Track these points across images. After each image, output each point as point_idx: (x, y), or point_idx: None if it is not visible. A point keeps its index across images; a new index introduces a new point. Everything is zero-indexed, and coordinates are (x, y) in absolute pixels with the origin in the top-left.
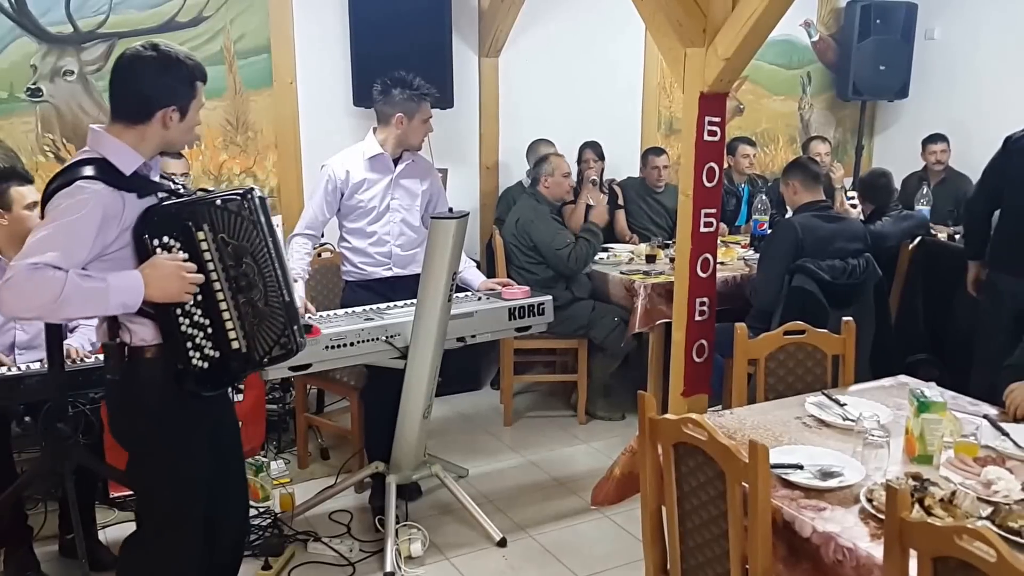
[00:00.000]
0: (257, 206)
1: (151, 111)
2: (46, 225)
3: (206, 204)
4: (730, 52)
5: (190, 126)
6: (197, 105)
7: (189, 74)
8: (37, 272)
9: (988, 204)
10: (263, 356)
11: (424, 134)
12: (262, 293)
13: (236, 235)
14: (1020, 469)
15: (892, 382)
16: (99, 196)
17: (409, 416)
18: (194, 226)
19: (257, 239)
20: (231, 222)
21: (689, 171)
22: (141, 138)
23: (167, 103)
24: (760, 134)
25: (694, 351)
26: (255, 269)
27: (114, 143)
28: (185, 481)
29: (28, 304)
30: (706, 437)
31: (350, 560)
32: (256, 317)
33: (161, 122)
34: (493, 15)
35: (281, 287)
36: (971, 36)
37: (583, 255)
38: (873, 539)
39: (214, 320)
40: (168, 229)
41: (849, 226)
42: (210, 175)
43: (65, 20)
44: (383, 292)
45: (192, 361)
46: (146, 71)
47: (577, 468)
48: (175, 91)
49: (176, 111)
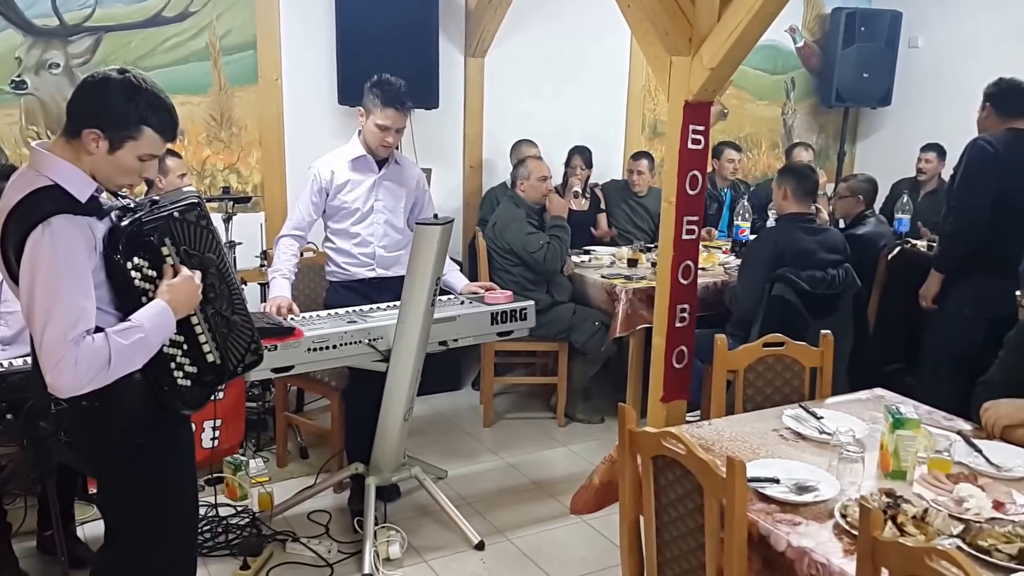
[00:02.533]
0: (207, 212)
1: (79, 127)
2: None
3: (165, 218)
4: (715, 62)
5: (119, 165)
6: (135, 149)
7: (138, 111)
8: (80, 347)
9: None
10: (236, 365)
11: (378, 141)
12: (228, 302)
13: (197, 246)
14: (992, 487)
15: (868, 395)
16: (72, 234)
17: (390, 419)
18: (157, 241)
19: (216, 247)
20: (191, 233)
21: (672, 178)
22: (76, 158)
23: (93, 123)
24: (743, 138)
25: (674, 357)
26: (219, 278)
27: (62, 166)
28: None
29: (83, 382)
30: (685, 451)
31: (328, 561)
32: (226, 327)
33: (84, 142)
34: (480, 16)
35: (241, 293)
36: (955, 45)
37: (556, 253)
38: (846, 555)
39: (188, 336)
40: (136, 250)
41: (829, 237)
42: (193, 171)
43: (51, 13)
44: (366, 293)
45: (177, 382)
46: (96, 87)
47: (556, 471)
48: (111, 115)
49: (103, 138)
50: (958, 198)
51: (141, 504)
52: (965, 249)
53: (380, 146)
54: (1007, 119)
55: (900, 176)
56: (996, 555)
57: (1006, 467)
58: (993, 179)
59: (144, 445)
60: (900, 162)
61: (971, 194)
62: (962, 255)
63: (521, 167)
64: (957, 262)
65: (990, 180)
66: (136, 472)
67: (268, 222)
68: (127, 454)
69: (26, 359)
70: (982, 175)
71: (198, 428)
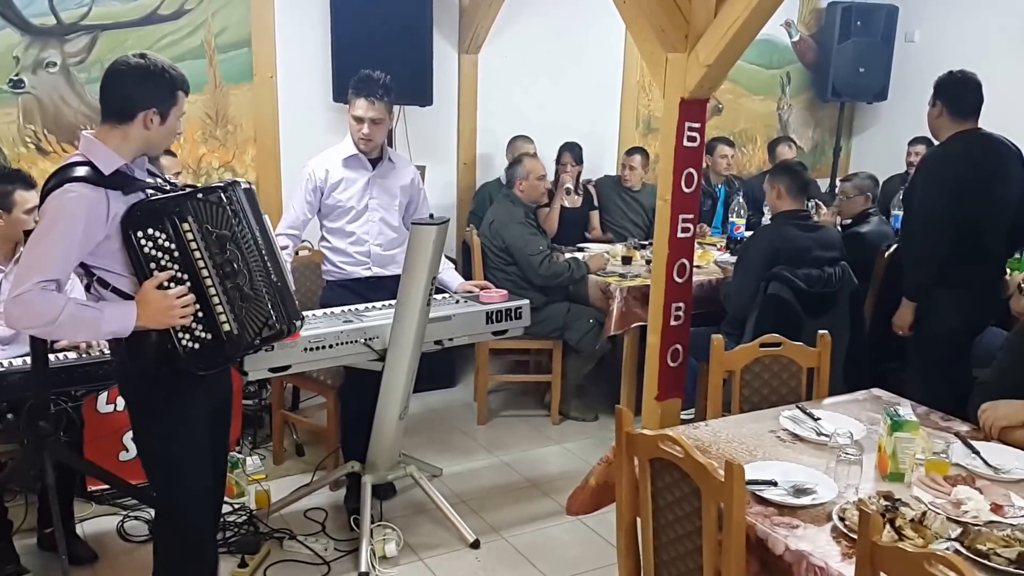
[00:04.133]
0: (240, 197)
1: (133, 112)
2: (42, 236)
3: (188, 197)
4: (711, 59)
5: (170, 131)
6: (177, 112)
7: (171, 83)
8: (44, 293)
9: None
10: (254, 337)
11: (356, 134)
12: (247, 278)
13: (219, 224)
14: (990, 489)
15: (865, 395)
16: (83, 198)
17: (385, 417)
18: (179, 219)
19: (239, 227)
20: (213, 213)
21: (668, 176)
22: (124, 138)
23: (148, 106)
24: (738, 134)
25: (669, 355)
26: (239, 256)
27: (97, 146)
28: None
29: (29, 322)
30: (682, 454)
31: (325, 559)
32: (244, 301)
33: (142, 123)
34: (474, 11)
35: (269, 272)
36: (951, 40)
37: (557, 271)
38: (845, 558)
39: (204, 305)
40: (153, 222)
41: (826, 235)
42: (189, 169)
43: (48, 12)
44: (362, 292)
45: (181, 342)
46: (132, 76)
47: (550, 469)
48: (157, 96)
49: (157, 114)
50: (917, 222)
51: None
52: (929, 277)
53: (359, 139)
54: (958, 120)
55: (896, 171)
56: (995, 559)
57: (1004, 469)
58: (951, 196)
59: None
60: (896, 157)
61: (931, 218)
62: (927, 282)
63: (518, 166)
64: (924, 289)
65: (948, 199)
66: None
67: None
68: (139, 407)
69: (25, 359)
70: (938, 195)
71: None
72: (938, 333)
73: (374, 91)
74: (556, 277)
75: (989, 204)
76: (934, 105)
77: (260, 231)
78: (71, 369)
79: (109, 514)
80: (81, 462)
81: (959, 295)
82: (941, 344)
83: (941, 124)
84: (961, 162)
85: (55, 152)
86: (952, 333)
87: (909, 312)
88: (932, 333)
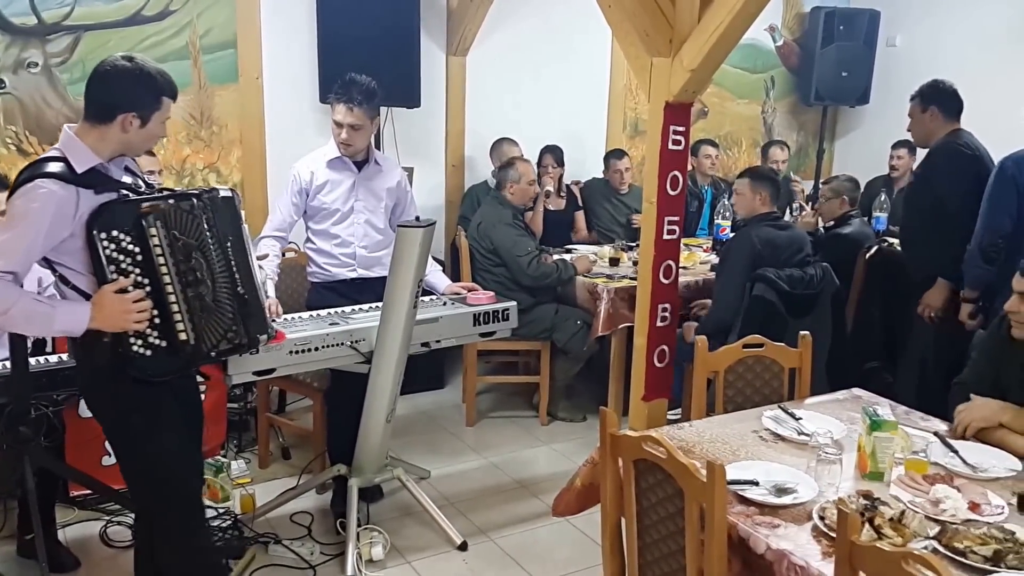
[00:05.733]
0: (216, 205)
1: (113, 114)
2: (6, 228)
3: (160, 202)
4: (695, 63)
5: (151, 134)
6: (160, 117)
7: (156, 88)
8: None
9: None
10: (211, 349)
11: (336, 136)
12: (210, 289)
13: (187, 232)
14: (967, 487)
15: (846, 395)
16: (52, 194)
17: (372, 420)
18: (147, 223)
19: (209, 236)
20: (183, 220)
21: (653, 179)
22: (101, 138)
23: (128, 109)
24: (723, 137)
25: (655, 356)
26: (204, 265)
27: (75, 143)
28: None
29: None
30: (665, 455)
31: (311, 563)
32: (204, 311)
33: (120, 126)
34: (462, 14)
35: (236, 283)
36: (933, 44)
37: (546, 272)
38: (825, 557)
39: (162, 312)
40: (119, 224)
41: (796, 235)
42: (172, 170)
43: (30, 12)
44: (348, 294)
45: (132, 348)
46: (115, 78)
47: (538, 470)
48: (138, 100)
49: (137, 118)
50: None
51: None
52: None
53: (339, 143)
54: (952, 121)
55: (878, 174)
56: (971, 557)
57: (982, 468)
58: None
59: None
60: (878, 160)
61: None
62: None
63: (511, 170)
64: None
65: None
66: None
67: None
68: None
69: (5, 363)
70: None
71: None
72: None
73: (353, 97)
74: (544, 278)
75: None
76: (925, 111)
77: (234, 241)
78: (52, 373)
79: (92, 519)
80: (63, 467)
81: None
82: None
83: (936, 127)
84: (977, 153)
85: (36, 153)
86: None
87: (944, 292)
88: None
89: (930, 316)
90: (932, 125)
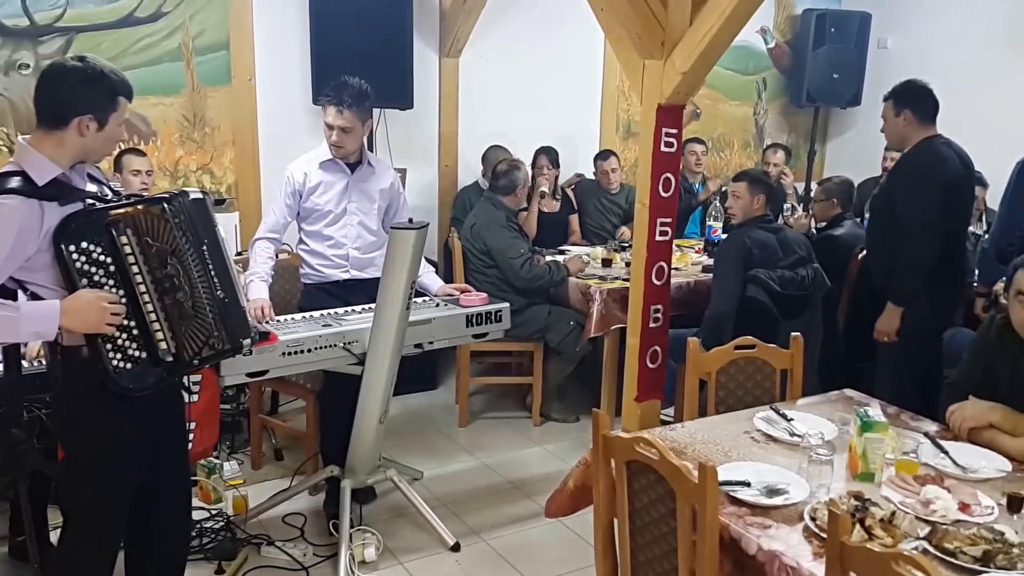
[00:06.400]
0: (187, 208)
1: (68, 118)
2: None
3: (129, 208)
4: (687, 66)
5: (109, 138)
6: (118, 119)
7: (112, 88)
8: None
9: None
10: (192, 357)
11: (328, 138)
12: (188, 295)
13: (160, 238)
14: (958, 488)
15: (837, 396)
16: (14, 210)
17: (365, 421)
18: (116, 231)
19: (183, 241)
20: (154, 225)
21: (646, 181)
22: (59, 145)
23: (84, 111)
24: (716, 138)
25: (648, 357)
26: (180, 271)
27: (31, 154)
28: (108, 482)
29: None
30: (657, 456)
31: (304, 564)
32: (183, 318)
33: (77, 130)
34: (454, 16)
35: (215, 287)
36: (924, 46)
37: (538, 274)
38: (816, 557)
39: (140, 322)
40: (88, 235)
41: (788, 235)
42: (166, 171)
43: (21, 13)
44: (341, 295)
45: (113, 362)
46: (68, 80)
47: (531, 471)
48: (95, 101)
49: (93, 120)
50: (910, 228)
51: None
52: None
53: (330, 145)
54: (926, 126)
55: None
56: (961, 557)
57: (972, 468)
58: (940, 200)
59: (92, 418)
60: (869, 161)
61: (926, 222)
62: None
63: (518, 172)
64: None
65: (938, 202)
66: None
67: (243, 223)
68: (75, 420)
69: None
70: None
71: None
72: (917, 332)
73: (343, 100)
74: (537, 280)
75: (967, 204)
76: (899, 114)
77: (209, 244)
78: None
79: None
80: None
81: (938, 295)
82: (917, 342)
83: (910, 131)
84: (947, 166)
85: None
86: (929, 332)
87: (896, 317)
88: (911, 333)
89: (888, 337)
90: (906, 130)
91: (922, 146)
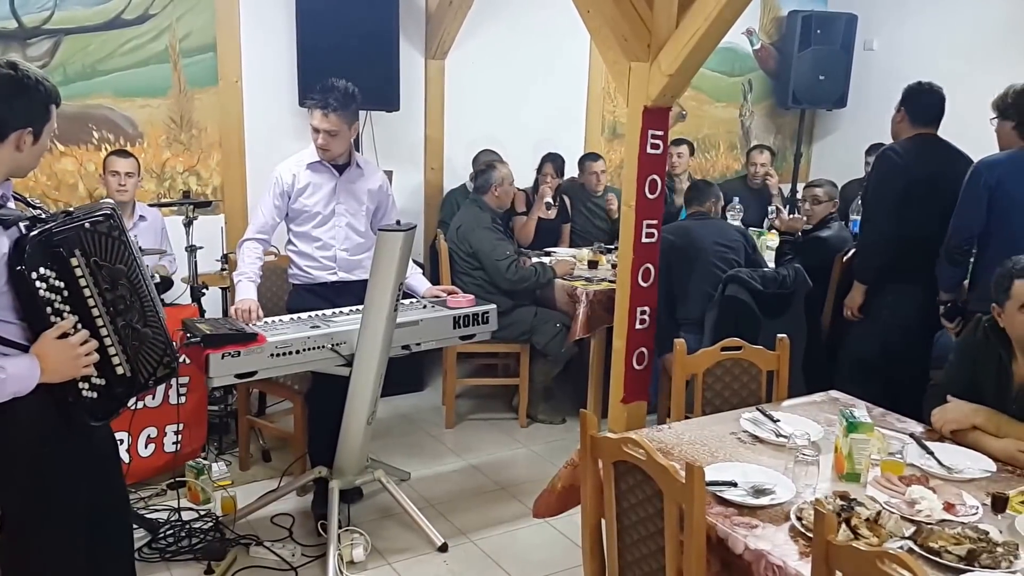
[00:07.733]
0: (122, 223)
1: (5, 132)
2: None
3: (76, 228)
4: (673, 68)
5: (41, 150)
6: (49, 129)
7: (45, 97)
8: None
9: None
10: (148, 378)
11: (314, 140)
12: (139, 314)
13: (108, 256)
14: (943, 488)
15: (823, 397)
16: None
17: (353, 422)
18: (67, 252)
19: (129, 258)
20: (102, 244)
21: (632, 183)
22: None
23: (23, 124)
24: (702, 140)
25: (634, 359)
26: (130, 290)
27: None
28: (64, 520)
29: None
30: (645, 457)
31: (292, 565)
32: (137, 340)
33: (15, 144)
34: (440, 18)
35: (156, 305)
36: (909, 48)
37: (524, 276)
38: (802, 557)
39: (98, 349)
40: (44, 259)
41: (718, 225)
42: (153, 173)
43: (9, 15)
44: (329, 296)
45: (83, 393)
46: (3, 91)
47: (518, 472)
48: (32, 113)
49: (31, 134)
50: (870, 210)
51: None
52: (880, 259)
53: (316, 148)
54: (917, 126)
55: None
56: (946, 556)
57: (956, 469)
58: (899, 189)
59: (43, 459)
60: (854, 163)
61: (881, 206)
62: (877, 265)
63: (492, 172)
64: (874, 272)
65: (896, 190)
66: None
67: (228, 224)
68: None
69: None
70: (889, 186)
71: (160, 433)
72: (890, 324)
73: (328, 103)
74: (523, 282)
75: (935, 202)
76: (898, 111)
77: (139, 257)
78: None
79: None
80: None
81: (912, 290)
82: (896, 336)
83: (902, 129)
84: (912, 155)
85: None
86: (900, 326)
87: (860, 294)
88: (885, 323)
89: (852, 313)
90: (899, 127)
91: (901, 141)
